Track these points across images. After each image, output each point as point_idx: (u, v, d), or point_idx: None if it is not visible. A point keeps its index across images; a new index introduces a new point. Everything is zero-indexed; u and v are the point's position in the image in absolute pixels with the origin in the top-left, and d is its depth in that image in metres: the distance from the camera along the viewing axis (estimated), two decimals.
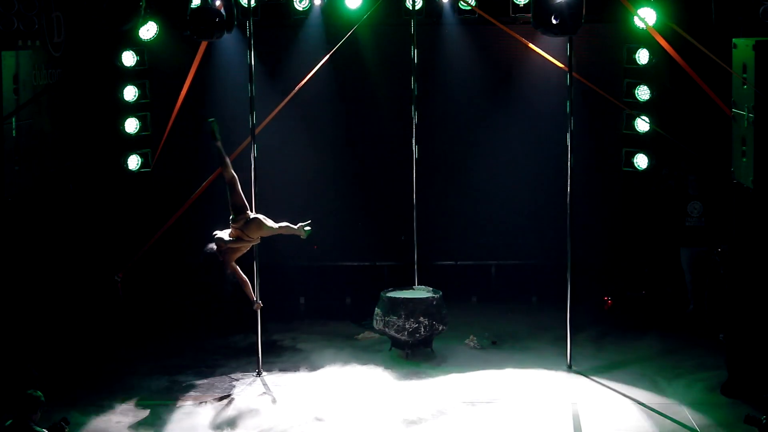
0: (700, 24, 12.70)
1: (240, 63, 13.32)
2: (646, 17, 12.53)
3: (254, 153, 11.69)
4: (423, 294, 12.40)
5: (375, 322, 12.41)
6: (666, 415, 10.47)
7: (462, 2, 13.45)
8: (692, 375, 11.54)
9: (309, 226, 11.17)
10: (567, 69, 11.70)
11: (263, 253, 11.79)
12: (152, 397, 11.16)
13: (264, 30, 13.87)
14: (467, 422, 10.37)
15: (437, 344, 12.46)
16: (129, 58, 13.82)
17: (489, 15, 12.56)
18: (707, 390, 11.08)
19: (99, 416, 10.61)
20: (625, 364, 11.96)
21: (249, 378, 11.72)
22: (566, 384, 11.40)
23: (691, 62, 11.41)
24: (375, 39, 14.19)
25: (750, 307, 10.83)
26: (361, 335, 13.17)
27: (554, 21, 10.91)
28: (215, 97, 14.38)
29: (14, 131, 10.30)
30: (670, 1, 12.87)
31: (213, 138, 11.17)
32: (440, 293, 12.39)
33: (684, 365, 11.87)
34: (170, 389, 11.40)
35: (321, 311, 14.31)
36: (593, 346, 12.59)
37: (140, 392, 11.31)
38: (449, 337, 12.72)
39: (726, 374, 11.12)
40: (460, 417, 10.50)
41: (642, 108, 13.71)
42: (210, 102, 14.31)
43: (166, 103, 12.89)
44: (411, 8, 12.95)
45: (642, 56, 13.66)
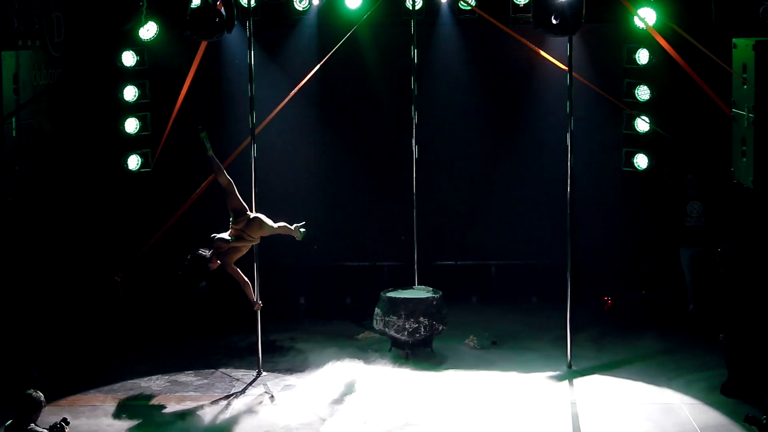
0: (700, 24, 12.70)
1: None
2: (646, 17, 12.53)
3: (254, 153, 11.68)
4: (423, 294, 12.39)
5: (375, 322, 12.41)
6: (666, 415, 10.46)
7: (462, 2, 13.46)
8: (692, 375, 11.54)
9: (303, 228, 11.48)
10: (567, 69, 11.71)
11: (263, 253, 11.79)
12: (152, 397, 11.16)
13: (264, 30, 13.90)
14: (467, 422, 10.37)
15: (437, 344, 12.46)
16: (129, 58, 13.82)
17: (489, 15, 12.56)
18: (707, 390, 11.08)
19: (99, 416, 10.61)
20: (625, 364, 11.96)
21: (249, 378, 11.72)
22: (566, 384, 11.40)
23: (691, 62, 11.41)
24: (375, 39, 14.19)
25: (750, 307, 10.83)
26: (361, 335, 13.17)
27: (554, 21, 10.91)
28: (215, 97, 14.42)
29: (14, 131, 10.30)
30: (670, 1, 12.87)
31: (205, 149, 11.18)
32: (440, 293, 12.39)
33: (684, 365, 11.87)
34: (170, 389, 11.40)
35: (321, 311, 14.31)
36: (593, 346, 12.59)
37: (140, 392, 11.31)
38: (449, 337, 12.72)
39: (726, 374, 11.12)
40: (460, 417, 10.49)
41: (642, 108, 13.71)
42: (209, 102, 14.35)
43: (166, 103, 12.88)
44: (411, 8, 12.95)
45: (642, 56, 13.66)
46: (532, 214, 14.67)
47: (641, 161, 13.97)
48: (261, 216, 11.23)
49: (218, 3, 11.26)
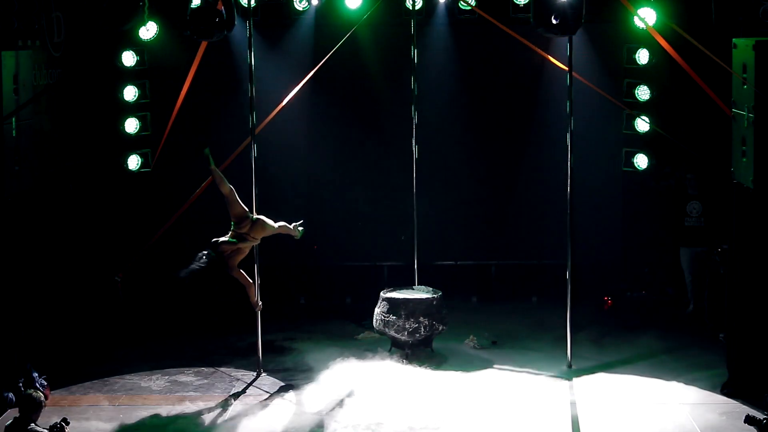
0: (700, 24, 12.70)
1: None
2: (646, 17, 12.52)
3: (254, 153, 11.68)
4: (423, 294, 12.39)
5: (375, 322, 12.40)
6: (666, 415, 10.46)
7: (462, 2, 13.46)
8: (692, 375, 11.53)
9: (301, 227, 11.60)
10: (567, 69, 11.70)
11: (263, 253, 11.79)
12: (152, 397, 11.16)
13: (263, 30, 13.90)
14: (467, 422, 10.37)
15: (437, 344, 12.45)
16: (129, 58, 13.82)
17: (489, 15, 12.56)
18: (707, 390, 11.08)
19: (99, 416, 10.60)
20: (625, 364, 11.96)
21: (249, 378, 11.71)
22: (566, 384, 11.40)
23: (691, 62, 11.41)
24: (375, 39, 14.19)
25: (750, 307, 10.83)
26: (361, 335, 13.17)
27: (554, 21, 10.91)
28: (215, 97, 14.42)
29: (14, 131, 10.29)
30: (670, 1, 12.87)
31: (208, 164, 11.17)
32: (440, 293, 12.38)
33: (684, 365, 11.87)
34: (170, 389, 11.40)
35: (321, 311, 14.32)
36: (593, 346, 12.59)
37: (140, 392, 11.31)
38: (449, 337, 12.71)
39: (726, 374, 11.12)
40: (460, 417, 10.49)
41: (642, 108, 13.71)
42: (210, 102, 14.36)
43: (166, 103, 12.89)
44: (411, 8, 12.95)
45: (642, 56, 13.67)
46: (532, 214, 14.67)
47: (641, 161, 13.97)
48: (262, 217, 11.28)
49: (218, 3, 11.26)
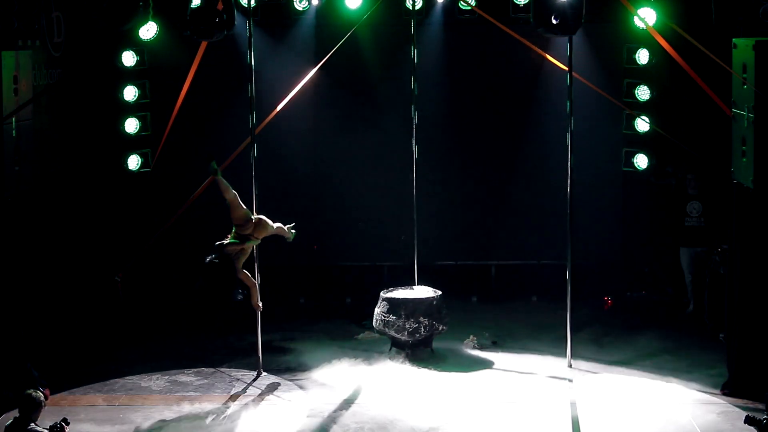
0: (700, 24, 12.70)
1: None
2: (646, 17, 12.53)
3: (254, 153, 11.68)
4: (423, 294, 12.39)
5: (375, 322, 12.40)
6: (666, 415, 10.46)
7: (462, 2, 13.45)
8: (692, 375, 11.54)
9: (294, 229, 11.59)
10: (567, 69, 11.71)
11: (263, 253, 11.79)
12: (152, 397, 11.16)
13: (266, 29, 13.91)
14: (467, 422, 10.37)
15: (437, 344, 12.45)
16: (129, 58, 13.83)
17: (489, 15, 12.56)
18: (707, 390, 11.08)
19: (98, 416, 10.60)
20: (625, 364, 11.96)
21: (249, 378, 11.72)
22: (566, 384, 11.40)
23: (691, 62, 11.41)
24: (375, 39, 14.19)
25: (750, 307, 10.83)
26: (362, 335, 13.17)
27: (554, 21, 10.91)
28: (215, 97, 14.42)
29: (14, 131, 10.29)
30: (670, 1, 12.87)
31: (214, 175, 11.13)
32: (440, 293, 12.38)
33: (684, 365, 11.87)
34: (170, 389, 11.40)
35: (321, 311, 14.32)
36: (593, 346, 12.59)
37: (140, 392, 11.31)
38: (449, 337, 12.71)
39: (726, 374, 11.12)
40: (460, 417, 10.49)
41: (642, 108, 13.71)
42: (210, 102, 14.36)
43: (166, 103, 12.89)
44: (411, 8, 12.95)
45: (642, 56, 13.67)
46: (532, 214, 14.67)
47: (641, 161, 13.98)
48: (263, 217, 11.32)
49: (218, 3, 11.26)
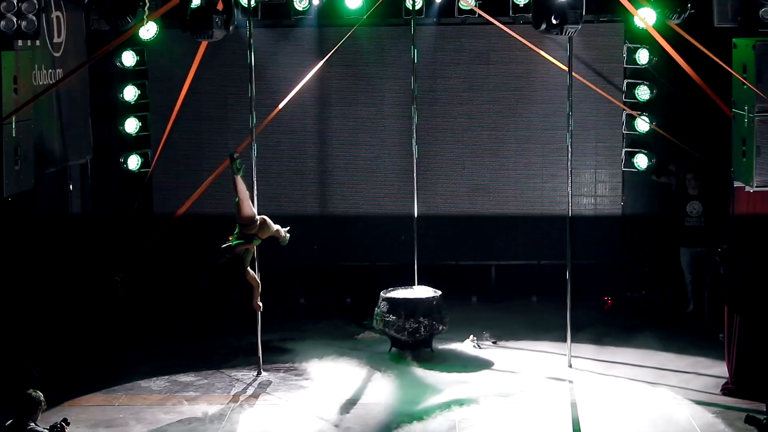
0: (700, 24, 12.68)
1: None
2: (646, 17, 12.52)
3: (254, 153, 11.68)
4: (423, 294, 12.39)
5: (375, 322, 12.40)
6: (666, 415, 10.46)
7: (462, 2, 13.45)
8: (692, 374, 11.54)
9: (289, 233, 11.50)
10: (567, 69, 11.71)
11: (263, 253, 11.78)
12: (152, 397, 11.16)
13: (263, 30, 13.90)
14: (467, 422, 10.37)
15: (437, 344, 12.45)
16: (129, 58, 13.82)
17: (489, 15, 12.56)
18: (707, 390, 11.08)
19: (98, 416, 10.60)
20: (625, 364, 11.96)
21: (249, 378, 11.71)
22: (566, 384, 11.40)
23: (691, 62, 11.41)
24: (375, 39, 14.19)
25: (750, 307, 10.83)
26: (362, 335, 13.17)
27: (554, 21, 10.91)
28: (215, 97, 14.42)
29: (14, 131, 10.28)
30: (670, 1, 12.85)
31: (235, 172, 11.08)
32: (440, 293, 12.38)
33: (683, 365, 11.87)
34: (170, 389, 11.40)
35: (321, 311, 14.32)
36: (593, 346, 12.59)
37: (140, 392, 11.31)
38: (449, 337, 12.72)
39: (726, 374, 11.12)
40: (460, 417, 10.49)
41: (642, 108, 13.71)
42: (209, 102, 14.36)
43: (166, 103, 12.89)
44: (411, 8, 12.95)
45: (642, 56, 13.66)
46: (532, 214, 14.66)
47: (641, 161, 13.97)
48: (266, 217, 11.33)
49: (218, 3, 11.26)
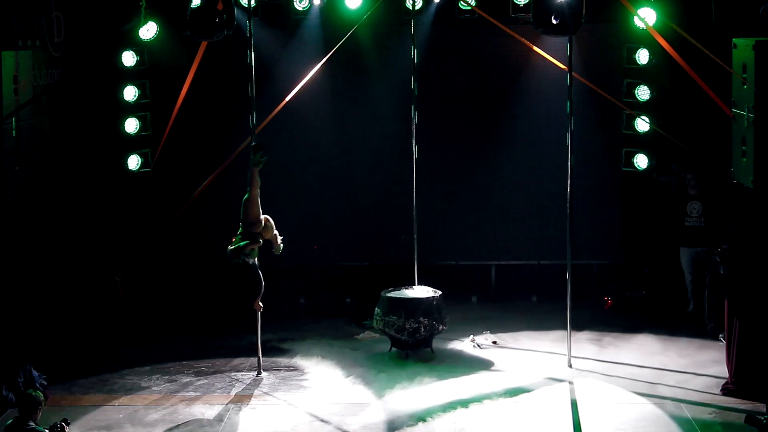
0: (700, 24, 12.70)
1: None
2: (646, 17, 12.53)
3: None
4: (423, 294, 12.39)
5: (375, 322, 12.41)
6: (666, 415, 10.46)
7: (462, 2, 13.46)
8: (692, 374, 11.54)
9: (282, 243, 11.59)
10: (567, 69, 11.71)
11: (263, 253, 11.79)
12: (152, 397, 11.16)
13: (269, 29, 13.91)
14: (467, 422, 10.37)
15: (437, 344, 12.46)
16: (129, 58, 13.81)
17: (489, 15, 12.56)
18: (707, 390, 11.08)
19: (98, 416, 10.61)
20: (625, 364, 11.96)
21: (249, 378, 11.72)
22: (566, 384, 11.40)
23: (691, 62, 11.41)
24: (375, 39, 14.19)
25: (750, 307, 10.83)
26: (362, 335, 13.18)
27: (554, 21, 10.92)
28: (215, 97, 14.42)
29: (14, 131, 10.29)
30: (670, 1, 12.87)
31: (255, 164, 11.07)
32: (440, 293, 12.39)
33: (683, 365, 11.87)
34: (170, 389, 11.40)
35: (321, 311, 14.32)
36: (593, 346, 12.60)
37: (140, 392, 11.32)
38: (449, 337, 12.72)
39: (726, 374, 11.12)
40: (460, 417, 10.49)
41: (642, 108, 13.70)
42: (209, 102, 14.36)
43: (166, 103, 12.89)
44: (411, 8, 12.95)
45: (642, 56, 13.65)
46: (532, 214, 14.67)
47: (641, 161, 13.96)
48: (269, 218, 11.38)
49: (218, 3, 11.27)
